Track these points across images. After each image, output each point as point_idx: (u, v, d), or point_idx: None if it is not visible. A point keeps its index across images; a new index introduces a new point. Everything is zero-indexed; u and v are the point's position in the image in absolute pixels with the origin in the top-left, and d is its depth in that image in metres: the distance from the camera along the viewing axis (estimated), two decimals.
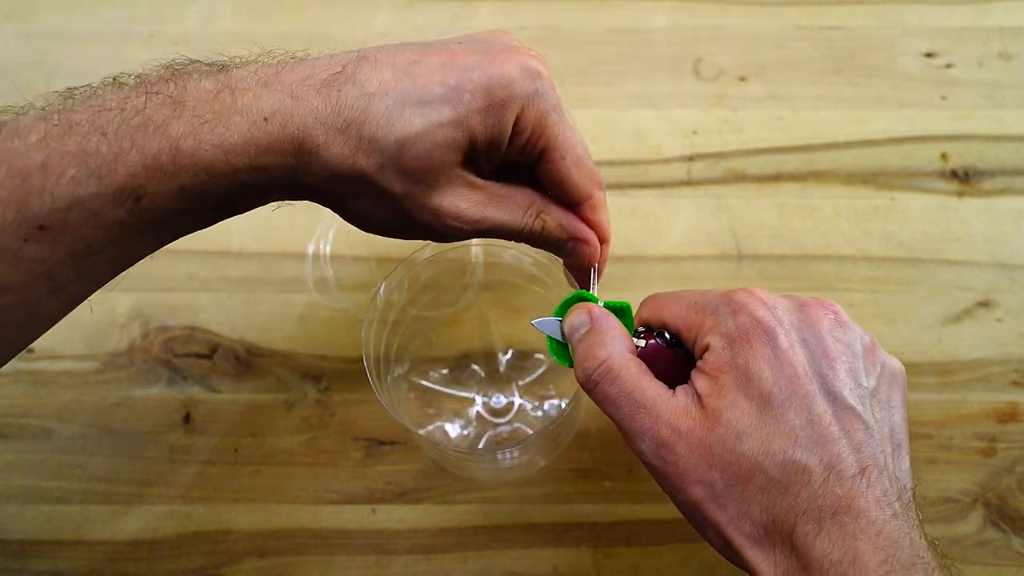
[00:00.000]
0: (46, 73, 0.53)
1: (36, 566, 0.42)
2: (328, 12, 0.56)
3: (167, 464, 0.44)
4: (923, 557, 0.27)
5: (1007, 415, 0.45)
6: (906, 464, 0.31)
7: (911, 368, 0.46)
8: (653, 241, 0.49)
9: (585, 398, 0.36)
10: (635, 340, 0.33)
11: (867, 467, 0.28)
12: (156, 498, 0.43)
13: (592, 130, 0.52)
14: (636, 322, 0.35)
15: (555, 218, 0.35)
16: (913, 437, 0.44)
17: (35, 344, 0.46)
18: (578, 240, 0.36)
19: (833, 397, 0.30)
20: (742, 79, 0.53)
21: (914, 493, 0.30)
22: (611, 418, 0.31)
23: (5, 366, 0.45)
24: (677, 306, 0.33)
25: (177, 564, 0.42)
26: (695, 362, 0.32)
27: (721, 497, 0.29)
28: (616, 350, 0.31)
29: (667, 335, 0.33)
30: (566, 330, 0.34)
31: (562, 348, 0.35)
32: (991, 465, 0.44)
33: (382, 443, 0.44)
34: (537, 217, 0.34)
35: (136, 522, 0.43)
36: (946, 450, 0.44)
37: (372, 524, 0.43)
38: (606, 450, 0.44)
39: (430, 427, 0.44)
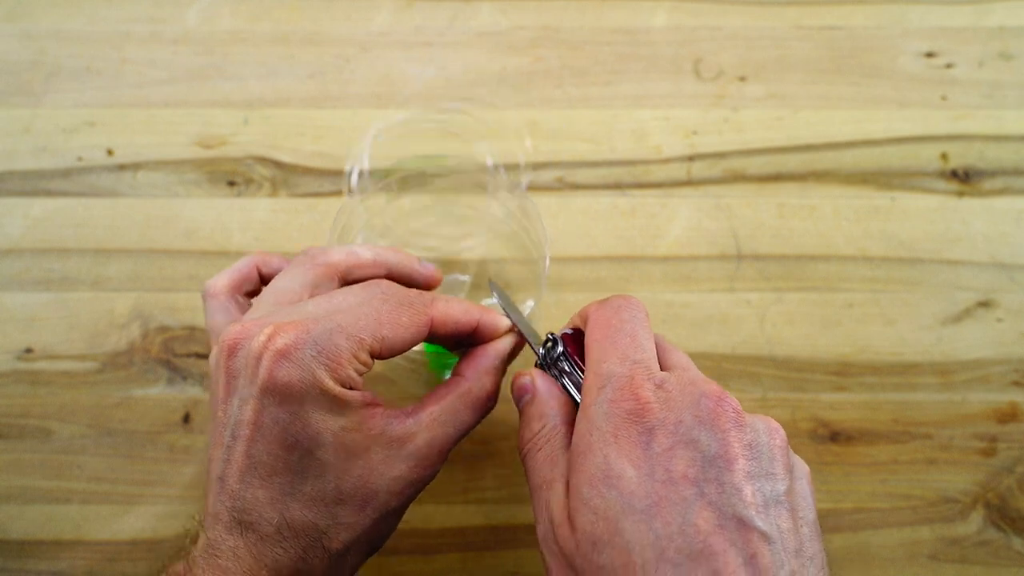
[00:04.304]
0: (46, 73, 0.53)
1: (36, 566, 0.42)
2: (328, 12, 0.56)
3: (167, 464, 0.44)
4: None
5: (1007, 415, 0.45)
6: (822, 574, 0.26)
7: (911, 368, 0.46)
8: (653, 241, 0.49)
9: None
10: (541, 348, 0.33)
11: None
12: (156, 498, 0.43)
13: (592, 130, 0.52)
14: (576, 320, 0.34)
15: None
16: (913, 437, 0.45)
17: (35, 344, 0.46)
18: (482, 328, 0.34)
19: (720, 506, 0.25)
20: (742, 79, 0.53)
21: None
22: (530, 472, 0.31)
23: (5, 366, 0.45)
24: (597, 352, 0.30)
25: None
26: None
27: None
28: (549, 424, 0.31)
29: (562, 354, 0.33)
30: (514, 394, 0.33)
31: (439, 358, 0.37)
32: (991, 465, 0.44)
33: None
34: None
35: (136, 522, 0.43)
36: (946, 450, 0.44)
37: None
38: None
39: None
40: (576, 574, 0.26)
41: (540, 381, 0.32)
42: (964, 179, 0.50)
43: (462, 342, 0.34)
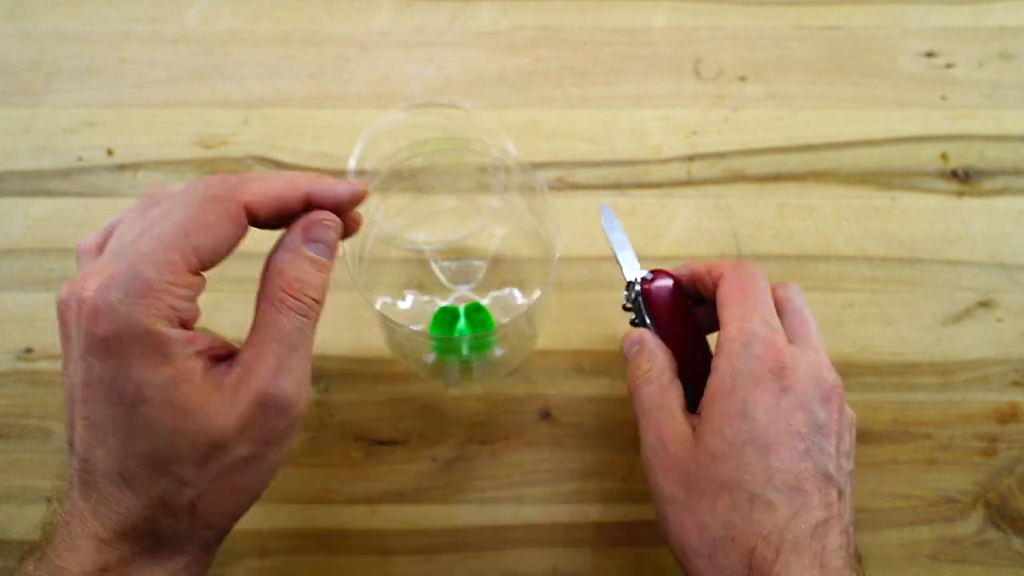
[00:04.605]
0: (46, 73, 0.53)
1: None
2: (328, 12, 0.56)
3: None
4: None
5: (1007, 415, 0.45)
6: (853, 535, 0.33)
7: (911, 368, 0.46)
8: (653, 241, 0.49)
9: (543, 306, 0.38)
10: (645, 274, 0.39)
11: (831, 519, 0.31)
12: None
13: (592, 130, 0.52)
14: (702, 271, 0.39)
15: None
16: (913, 437, 0.45)
17: (35, 344, 0.46)
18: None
19: (820, 464, 0.32)
20: (742, 79, 0.53)
21: (859, 559, 0.33)
22: (637, 414, 0.36)
23: (5, 366, 0.45)
24: (737, 308, 0.36)
25: None
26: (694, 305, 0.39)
27: (690, 500, 0.32)
28: (657, 365, 0.37)
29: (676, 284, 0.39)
30: (623, 348, 0.39)
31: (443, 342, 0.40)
32: (991, 465, 0.44)
33: (382, 443, 0.44)
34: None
35: None
36: (946, 450, 0.44)
37: (372, 524, 0.43)
38: (606, 450, 0.44)
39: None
40: (685, 477, 0.33)
41: (648, 336, 0.38)
42: (964, 179, 0.50)
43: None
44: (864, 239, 0.49)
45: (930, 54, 0.54)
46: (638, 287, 0.39)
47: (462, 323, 0.43)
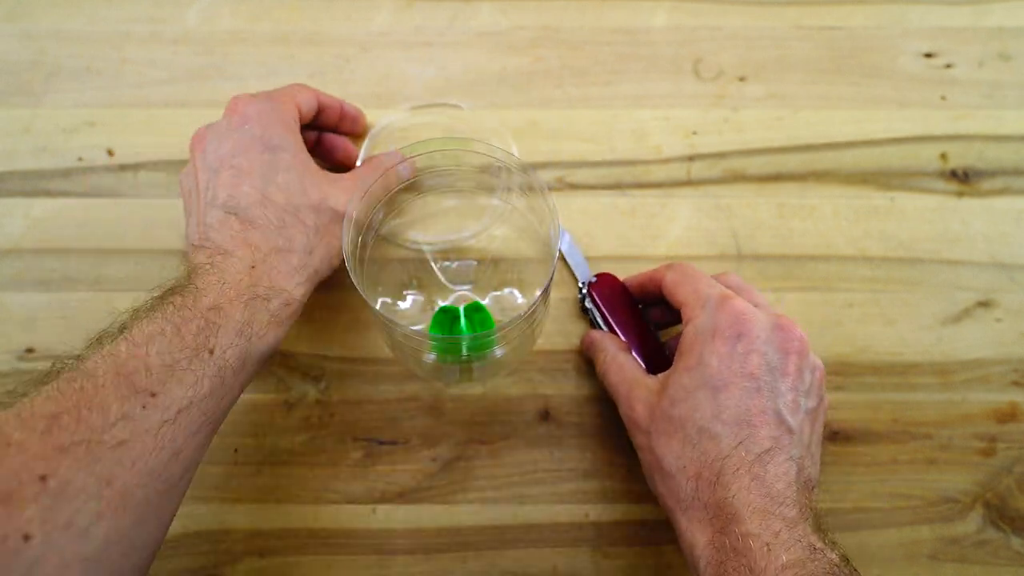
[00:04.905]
0: (46, 73, 0.53)
1: None
2: (328, 12, 0.56)
3: None
4: (804, 517, 0.32)
5: (1007, 415, 0.45)
6: (816, 471, 0.36)
7: (911, 368, 0.46)
8: (653, 241, 0.49)
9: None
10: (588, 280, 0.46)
11: (774, 449, 0.34)
12: None
13: (592, 130, 0.52)
14: (645, 278, 0.44)
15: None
16: (913, 437, 0.45)
17: (35, 344, 0.46)
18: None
19: (771, 402, 0.35)
20: (742, 79, 0.53)
21: (812, 488, 0.35)
22: (614, 400, 0.41)
23: (5, 366, 0.45)
24: (687, 287, 0.40)
25: (177, 564, 0.42)
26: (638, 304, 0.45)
27: (651, 444, 0.37)
28: (610, 352, 0.42)
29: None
30: (584, 352, 0.45)
31: (443, 343, 0.42)
32: (991, 465, 0.44)
33: (382, 443, 0.44)
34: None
35: None
36: (946, 450, 0.44)
37: (372, 524, 0.43)
38: (606, 450, 0.44)
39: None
40: (650, 424, 0.37)
41: (597, 334, 0.44)
42: (964, 179, 0.50)
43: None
44: (864, 239, 0.49)
45: (930, 54, 0.54)
46: (585, 289, 0.45)
47: (462, 323, 0.43)
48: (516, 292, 0.46)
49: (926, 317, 0.47)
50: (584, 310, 0.46)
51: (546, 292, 0.39)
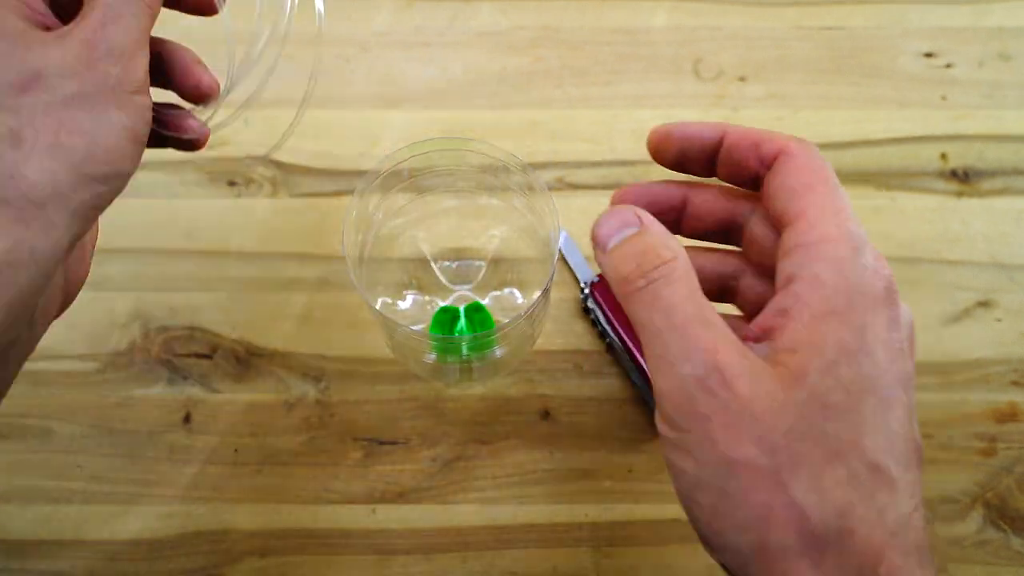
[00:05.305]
0: None
1: (36, 566, 0.42)
2: (328, 12, 0.56)
3: (167, 464, 0.44)
4: None
5: (1007, 415, 0.45)
6: None
7: None
8: None
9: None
10: None
11: (920, 505, 0.23)
12: (156, 498, 0.43)
13: (592, 130, 0.52)
14: (718, 132, 0.32)
15: None
16: None
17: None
18: None
19: (915, 427, 0.24)
20: (742, 79, 0.53)
21: None
22: (650, 332, 0.24)
23: None
24: (825, 200, 0.26)
25: (177, 564, 0.42)
26: None
27: (780, 471, 0.21)
28: (682, 253, 0.25)
29: None
30: (600, 232, 0.27)
31: (443, 342, 0.41)
32: (991, 465, 0.44)
33: (382, 443, 0.44)
34: None
35: (136, 522, 0.43)
36: (946, 450, 0.44)
37: (372, 524, 0.43)
38: (606, 450, 0.44)
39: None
40: (770, 434, 0.22)
41: (647, 216, 0.27)
42: (964, 179, 0.50)
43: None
44: None
45: (930, 54, 0.54)
46: (587, 289, 0.45)
47: (462, 323, 0.43)
48: (516, 292, 0.46)
49: (926, 317, 0.47)
50: (586, 310, 0.46)
51: (546, 292, 0.39)
